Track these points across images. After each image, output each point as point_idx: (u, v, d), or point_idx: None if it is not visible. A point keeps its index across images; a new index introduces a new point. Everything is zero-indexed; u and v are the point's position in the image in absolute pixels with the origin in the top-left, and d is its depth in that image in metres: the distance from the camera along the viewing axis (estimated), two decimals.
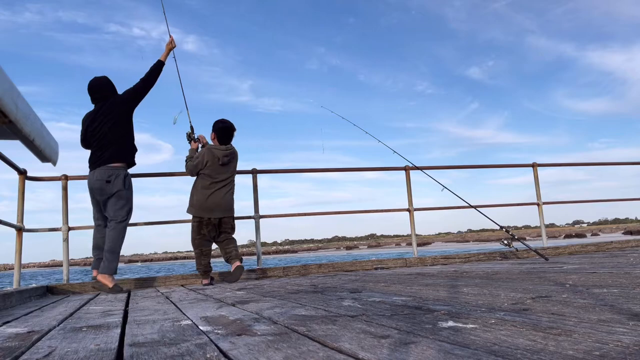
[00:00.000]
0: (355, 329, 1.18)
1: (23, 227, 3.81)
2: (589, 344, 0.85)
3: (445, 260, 4.78)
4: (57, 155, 0.89)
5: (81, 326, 1.61)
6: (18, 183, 3.87)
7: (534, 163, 5.57)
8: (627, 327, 0.99)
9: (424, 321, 1.23)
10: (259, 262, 4.54)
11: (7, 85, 0.62)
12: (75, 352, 1.12)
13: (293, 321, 1.38)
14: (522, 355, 0.80)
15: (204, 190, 3.82)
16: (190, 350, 1.04)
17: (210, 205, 3.80)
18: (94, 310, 2.18)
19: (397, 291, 2.13)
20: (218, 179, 3.85)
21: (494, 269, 3.22)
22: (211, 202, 3.80)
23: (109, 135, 3.53)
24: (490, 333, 1.01)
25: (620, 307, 1.25)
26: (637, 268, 2.49)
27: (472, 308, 1.42)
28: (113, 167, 3.51)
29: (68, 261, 3.99)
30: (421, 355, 0.85)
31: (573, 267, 2.93)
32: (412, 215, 5.02)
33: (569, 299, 1.48)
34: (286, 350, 0.97)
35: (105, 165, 3.50)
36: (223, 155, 3.86)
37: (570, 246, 5.00)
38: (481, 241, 59.50)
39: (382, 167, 5.31)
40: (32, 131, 0.72)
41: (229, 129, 3.94)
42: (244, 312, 1.69)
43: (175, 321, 1.58)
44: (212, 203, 3.81)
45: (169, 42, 3.84)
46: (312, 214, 4.78)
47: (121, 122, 3.58)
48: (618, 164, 6.54)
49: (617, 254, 4.06)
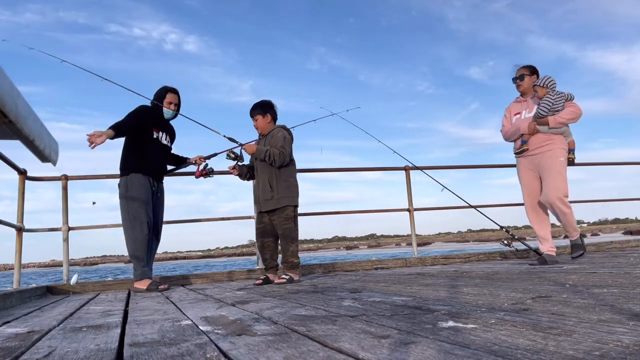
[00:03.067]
0: (355, 329, 1.18)
1: (23, 227, 3.81)
2: (589, 344, 0.85)
3: (445, 260, 4.78)
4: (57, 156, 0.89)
5: (81, 326, 1.61)
6: (18, 183, 3.87)
7: None
8: (627, 327, 0.99)
9: (424, 321, 1.23)
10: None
11: (7, 85, 0.62)
12: (75, 352, 1.12)
13: (293, 321, 1.38)
14: (522, 355, 0.80)
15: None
16: (190, 350, 1.04)
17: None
18: (94, 310, 2.18)
19: (397, 291, 2.13)
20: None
21: (494, 269, 3.23)
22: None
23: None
24: (490, 333, 1.01)
25: (620, 307, 1.25)
26: (637, 268, 2.49)
27: (472, 308, 1.42)
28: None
29: (68, 261, 3.99)
30: (421, 355, 0.85)
31: (573, 267, 2.93)
32: (412, 215, 5.01)
33: (569, 299, 1.48)
34: (286, 350, 0.97)
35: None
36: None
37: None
38: (481, 241, 59.49)
39: (382, 167, 5.31)
40: (32, 131, 0.72)
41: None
42: (244, 312, 1.69)
43: (175, 321, 1.58)
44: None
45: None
46: (312, 214, 4.78)
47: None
48: (618, 164, 6.53)
49: (617, 254, 4.06)
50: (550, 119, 3.45)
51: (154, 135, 3.60)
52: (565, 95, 3.47)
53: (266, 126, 3.53)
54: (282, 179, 3.42)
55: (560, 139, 3.51)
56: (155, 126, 3.62)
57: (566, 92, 3.50)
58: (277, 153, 3.34)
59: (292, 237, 3.41)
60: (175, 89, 3.73)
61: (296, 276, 3.39)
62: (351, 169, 5.54)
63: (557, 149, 3.49)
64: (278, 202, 3.39)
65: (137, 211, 3.44)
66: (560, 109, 3.44)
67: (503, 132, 3.81)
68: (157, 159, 3.63)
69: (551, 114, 3.45)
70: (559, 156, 3.48)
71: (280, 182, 3.41)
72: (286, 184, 3.42)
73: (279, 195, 3.39)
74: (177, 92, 3.72)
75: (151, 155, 3.57)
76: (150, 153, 3.56)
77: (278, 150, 3.35)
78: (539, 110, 3.46)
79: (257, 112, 3.53)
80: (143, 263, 3.45)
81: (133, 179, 3.50)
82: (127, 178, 3.51)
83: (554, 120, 3.44)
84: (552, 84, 3.48)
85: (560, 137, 3.51)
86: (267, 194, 3.41)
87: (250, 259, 22.79)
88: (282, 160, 3.37)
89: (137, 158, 3.52)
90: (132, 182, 3.50)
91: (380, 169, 5.36)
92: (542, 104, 3.45)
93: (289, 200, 3.41)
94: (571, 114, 3.46)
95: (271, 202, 3.40)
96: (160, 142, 3.66)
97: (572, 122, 3.52)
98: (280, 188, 3.40)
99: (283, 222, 3.38)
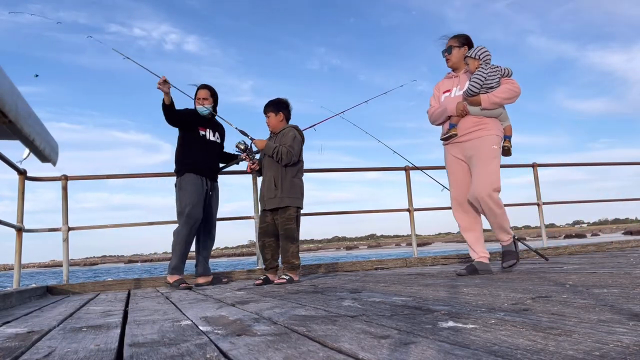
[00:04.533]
0: (355, 329, 1.18)
1: (23, 227, 3.80)
2: (589, 344, 0.85)
3: (445, 260, 4.78)
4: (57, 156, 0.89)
5: (81, 326, 1.61)
6: (18, 183, 3.87)
7: (534, 163, 5.57)
8: (627, 327, 0.99)
9: (424, 321, 1.23)
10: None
11: (7, 85, 0.62)
12: (75, 352, 1.12)
13: (293, 321, 1.38)
14: (522, 355, 0.80)
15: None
16: (190, 351, 1.04)
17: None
18: (93, 311, 2.18)
19: (397, 291, 2.13)
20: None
21: (494, 269, 3.22)
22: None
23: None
24: (490, 333, 1.01)
25: (620, 307, 1.25)
26: (637, 268, 2.49)
27: (472, 308, 1.42)
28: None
29: (68, 261, 3.99)
30: (421, 355, 0.85)
31: (573, 267, 2.93)
32: (412, 215, 5.01)
33: (569, 299, 1.48)
34: (286, 350, 0.97)
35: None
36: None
37: (571, 246, 5.00)
38: None
39: (382, 167, 5.31)
40: (32, 131, 0.72)
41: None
42: (244, 312, 1.69)
43: (175, 321, 1.58)
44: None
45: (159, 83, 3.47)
46: (312, 214, 4.78)
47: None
48: (618, 164, 6.53)
49: (617, 254, 4.06)
50: (483, 98, 2.89)
51: (201, 133, 3.73)
52: (501, 70, 2.95)
53: (278, 124, 3.55)
54: (288, 178, 3.43)
55: (495, 124, 2.97)
56: (200, 124, 3.74)
57: (503, 66, 2.98)
58: (285, 151, 3.36)
59: (293, 237, 3.41)
60: (206, 84, 3.82)
61: (296, 277, 3.39)
62: (351, 169, 5.54)
63: (490, 135, 2.93)
64: (281, 201, 3.39)
65: (187, 210, 3.57)
66: (495, 86, 2.91)
67: (429, 113, 3.24)
68: (207, 158, 3.75)
69: (484, 91, 2.90)
70: (492, 143, 2.92)
71: (286, 181, 3.42)
72: (291, 184, 3.43)
73: (283, 195, 3.39)
74: (207, 88, 3.80)
75: (202, 154, 3.70)
76: (200, 152, 3.69)
77: (286, 148, 3.37)
78: (469, 87, 2.91)
79: (270, 110, 3.56)
80: (177, 259, 3.59)
81: (186, 180, 3.63)
82: (181, 178, 3.66)
83: (487, 100, 2.89)
84: (485, 55, 2.96)
85: (494, 120, 2.97)
86: (271, 192, 3.42)
87: (250, 259, 22.80)
88: (289, 159, 3.37)
89: (189, 158, 3.67)
90: (185, 183, 3.63)
91: (380, 169, 5.36)
92: (473, 78, 2.91)
93: (292, 200, 3.41)
94: (508, 92, 2.90)
95: (274, 201, 3.41)
96: (209, 140, 3.78)
97: (508, 103, 2.97)
98: (285, 187, 3.40)
99: (285, 222, 3.38)
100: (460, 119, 2.99)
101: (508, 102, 2.94)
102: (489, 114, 2.94)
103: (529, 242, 4.30)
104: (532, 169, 5.56)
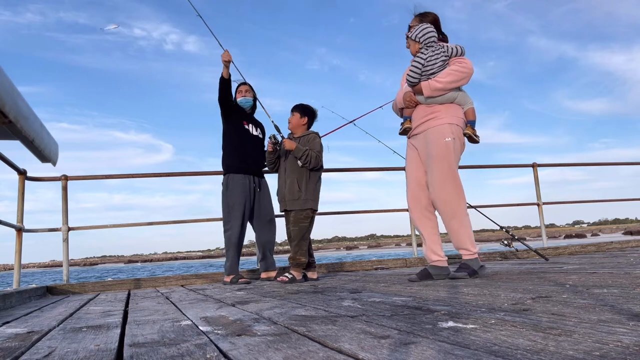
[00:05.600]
0: (355, 329, 1.18)
1: (23, 227, 3.81)
2: (589, 344, 0.85)
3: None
4: (57, 156, 0.89)
5: (81, 326, 1.61)
6: (18, 183, 3.87)
7: (534, 163, 5.57)
8: (627, 327, 0.99)
9: (424, 321, 1.23)
10: (259, 262, 4.54)
11: (7, 85, 0.62)
12: (75, 352, 1.12)
13: (293, 321, 1.38)
14: (522, 355, 0.80)
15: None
16: (190, 351, 1.04)
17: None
18: (93, 311, 2.18)
19: (397, 291, 2.13)
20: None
21: (494, 269, 3.22)
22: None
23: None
24: (490, 333, 1.01)
25: (620, 308, 1.25)
26: (637, 268, 2.49)
27: (472, 308, 1.42)
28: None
29: (68, 261, 3.99)
30: (421, 355, 0.85)
31: (573, 267, 2.93)
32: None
33: (569, 299, 1.48)
34: (286, 350, 0.97)
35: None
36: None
37: (571, 246, 4.99)
38: (481, 241, 59.43)
39: (382, 167, 5.31)
40: (32, 131, 0.72)
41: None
42: (244, 313, 1.69)
43: (175, 321, 1.58)
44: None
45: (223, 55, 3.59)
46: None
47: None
48: (618, 164, 6.54)
49: (617, 254, 4.06)
50: (424, 85, 2.55)
51: (245, 127, 3.84)
52: (447, 50, 2.59)
53: (299, 126, 3.64)
54: (312, 182, 3.55)
55: (449, 110, 2.59)
56: (244, 119, 3.86)
57: (451, 45, 2.62)
58: (315, 156, 3.48)
59: (306, 236, 3.53)
60: (245, 81, 3.95)
61: (299, 275, 3.45)
62: (351, 169, 5.53)
63: (441, 125, 2.57)
64: (305, 202, 3.51)
65: (233, 210, 3.68)
66: (437, 70, 2.55)
67: (392, 105, 2.96)
68: (252, 153, 3.84)
69: (425, 78, 2.56)
70: (444, 135, 2.56)
71: (310, 184, 3.54)
72: (314, 188, 3.57)
73: (306, 197, 3.51)
74: (246, 84, 3.94)
75: (247, 151, 3.79)
76: (245, 148, 3.79)
77: (315, 153, 3.49)
78: (407, 76, 2.60)
79: (297, 110, 3.66)
80: (230, 261, 3.70)
81: (233, 180, 3.73)
82: (228, 178, 3.76)
83: (427, 87, 2.54)
84: (426, 37, 2.58)
85: (448, 107, 2.60)
86: (295, 194, 3.51)
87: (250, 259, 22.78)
88: (316, 164, 3.51)
89: (235, 158, 3.77)
90: (232, 183, 3.73)
91: (380, 169, 5.36)
92: (411, 66, 2.59)
93: (313, 203, 3.56)
94: (452, 74, 2.52)
95: (298, 202, 3.51)
96: (252, 134, 3.88)
97: (456, 85, 2.57)
98: (309, 190, 3.53)
99: (301, 220, 3.50)
100: (412, 110, 2.70)
101: (455, 85, 2.56)
102: (441, 100, 2.59)
103: (529, 242, 4.29)
104: (532, 169, 5.56)
